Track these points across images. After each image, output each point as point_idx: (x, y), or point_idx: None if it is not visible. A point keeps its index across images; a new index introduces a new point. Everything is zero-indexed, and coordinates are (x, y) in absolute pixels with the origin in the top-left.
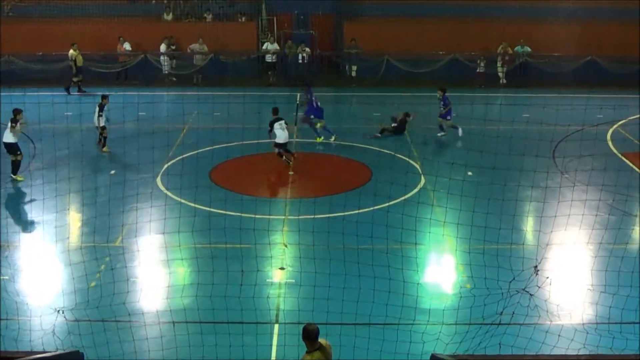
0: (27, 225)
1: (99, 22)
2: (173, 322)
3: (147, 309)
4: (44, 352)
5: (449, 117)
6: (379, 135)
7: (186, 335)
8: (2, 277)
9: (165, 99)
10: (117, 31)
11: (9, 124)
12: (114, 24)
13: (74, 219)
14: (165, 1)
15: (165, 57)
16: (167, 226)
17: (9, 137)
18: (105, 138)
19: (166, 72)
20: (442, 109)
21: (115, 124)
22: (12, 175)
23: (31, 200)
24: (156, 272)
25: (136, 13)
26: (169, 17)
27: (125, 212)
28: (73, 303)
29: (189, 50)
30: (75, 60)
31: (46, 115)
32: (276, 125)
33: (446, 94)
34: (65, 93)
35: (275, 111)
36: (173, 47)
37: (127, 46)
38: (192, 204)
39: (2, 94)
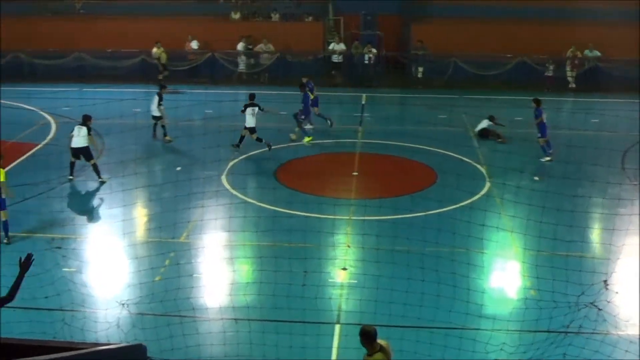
0: (94, 218)
1: (167, 21)
2: (235, 319)
3: (210, 305)
4: (109, 343)
5: (539, 135)
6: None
7: (248, 332)
8: (69, 269)
9: (233, 97)
10: (185, 29)
11: (82, 130)
12: (182, 22)
13: (141, 213)
14: (233, 0)
15: (243, 56)
16: (231, 224)
17: (83, 142)
18: (164, 127)
19: (240, 70)
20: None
21: (182, 120)
22: (100, 178)
23: (99, 195)
24: (220, 269)
25: (204, 12)
26: (236, 16)
27: (190, 208)
28: (138, 296)
29: (259, 50)
30: (159, 58)
31: (115, 111)
32: (248, 110)
33: (541, 107)
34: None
35: (252, 97)
36: (250, 47)
37: (194, 44)
38: (258, 203)
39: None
